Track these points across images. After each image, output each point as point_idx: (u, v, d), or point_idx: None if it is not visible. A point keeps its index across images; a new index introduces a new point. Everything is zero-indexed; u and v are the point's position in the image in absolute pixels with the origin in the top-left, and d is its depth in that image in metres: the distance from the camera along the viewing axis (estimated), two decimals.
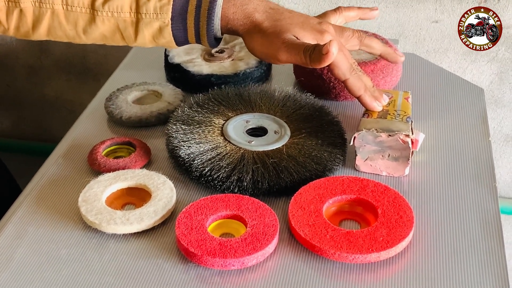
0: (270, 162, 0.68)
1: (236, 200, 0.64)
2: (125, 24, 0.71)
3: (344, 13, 0.79)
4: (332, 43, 0.65)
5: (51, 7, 0.70)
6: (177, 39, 0.73)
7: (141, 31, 0.71)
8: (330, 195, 0.64)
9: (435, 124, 0.80)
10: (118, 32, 0.72)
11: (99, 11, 0.70)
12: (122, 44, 0.75)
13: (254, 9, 0.71)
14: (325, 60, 0.65)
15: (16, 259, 0.59)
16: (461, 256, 0.60)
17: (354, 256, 0.58)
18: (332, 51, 0.65)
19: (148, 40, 0.73)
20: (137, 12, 0.70)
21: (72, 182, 0.70)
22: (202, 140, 0.72)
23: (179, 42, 0.74)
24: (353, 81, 0.70)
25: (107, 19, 0.70)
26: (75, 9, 0.70)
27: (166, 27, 0.71)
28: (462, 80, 0.92)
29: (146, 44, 0.74)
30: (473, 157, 0.74)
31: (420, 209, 0.65)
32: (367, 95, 0.71)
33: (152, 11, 0.70)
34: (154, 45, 0.74)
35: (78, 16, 0.71)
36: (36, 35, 0.73)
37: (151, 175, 0.68)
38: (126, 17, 0.70)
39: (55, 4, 0.70)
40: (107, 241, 0.61)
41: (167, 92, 0.84)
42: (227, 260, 0.57)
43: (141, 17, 0.70)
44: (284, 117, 0.77)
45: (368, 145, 0.69)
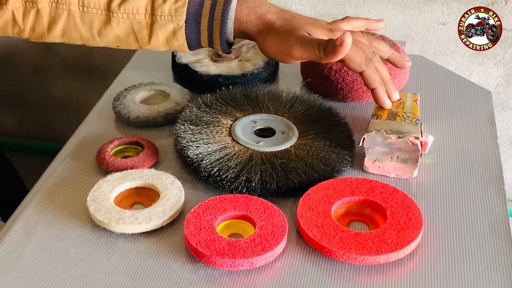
0: (278, 163, 0.68)
1: (244, 201, 0.64)
2: (140, 26, 0.71)
3: (352, 22, 0.80)
4: (346, 34, 0.65)
5: (67, 8, 0.70)
6: (190, 42, 0.73)
7: (155, 33, 0.71)
8: (339, 196, 0.64)
9: (442, 126, 0.80)
10: (133, 34, 0.72)
11: (114, 12, 0.70)
12: (135, 47, 0.75)
13: (266, 10, 0.72)
14: (340, 51, 0.66)
15: (25, 258, 0.59)
16: (469, 258, 0.60)
17: (363, 257, 0.57)
18: (347, 41, 0.65)
19: (162, 43, 0.73)
20: (152, 14, 0.70)
21: (80, 181, 0.70)
22: (210, 140, 0.72)
23: (192, 46, 0.74)
24: (368, 72, 0.70)
25: (122, 21, 0.70)
26: (91, 10, 0.70)
27: (180, 30, 0.71)
28: (469, 82, 0.91)
29: (159, 47, 0.74)
30: (481, 159, 0.74)
31: (428, 211, 0.65)
32: (381, 89, 0.71)
33: (167, 13, 0.70)
34: (167, 48, 0.74)
35: (93, 18, 0.71)
36: (51, 36, 0.73)
37: (160, 175, 0.68)
38: (141, 19, 0.70)
39: (72, 5, 0.70)
40: (115, 241, 0.61)
41: (174, 92, 0.84)
42: (236, 260, 0.57)
43: (156, 19, 0.70)
44: (292, 118, 0.77)
45: (377, 146, 0.69)
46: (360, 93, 0.84)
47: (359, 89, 0.84)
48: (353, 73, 0.83)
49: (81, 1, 0.70)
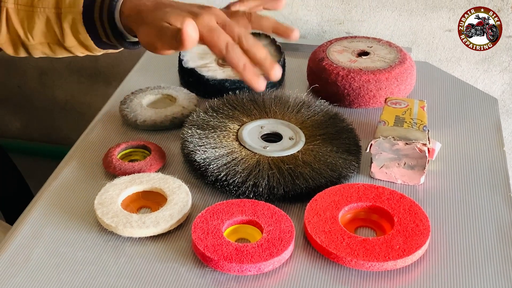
0: (285, 168, 0.68)
1: (252, 206, 0.64)
2: (53, 18, 0.73)
3: (245, 2, 0.76)
4: (186, 22, 0.62)
5: (5, 5, 0.74)
6: (91, 34, 0.73)
7: (63, 26, 0.73)
8: (346, 202, 0.64)
9: (449, 133, 0.80)
10: (51, 28, 0.74)
11: (36, 7, 0.73)
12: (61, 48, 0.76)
13: (144, 3, 0.70)
14: (185, 41, 0.62)
15: (32, 260, 0.59)
16: (477, 265, 0.59)
17: (370, 263, 0.57)
18: (186, 30, 0.62)
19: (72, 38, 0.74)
20: (57, 6, 0.73)
21: (87, 185, 0.70)
22: (217, 145, 0.72)
23: (96, 41, 0.74)
24: (231, 56, 0.64)
25: (42, 15, 0.73)
26: (21, 7, 0.73)
27: (79, 21, 0.72)
28: (475, 89, 0.92)
29: (75, 46, 0.75)
30: (488, 166, 0.74)
31: (435, 218, 0.65)
32: (248, 71, 0.65)
33: (67, 5, 0.72)
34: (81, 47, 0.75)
35: (23, 14, 0.74)
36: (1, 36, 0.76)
37: (167, 179, 0.68)
38: (52, 12, 0.73)
39: (9, 3, 0.73)
40: (123, 244, 0.61)
41: (181, 96, 0.84)
42: (243, 265, 0.57)
43: (61, 11, 0.73)
44: (299, 123, 0.77)
45: (384, 152, 0.69)
46: (366, 99, 0.84)
47: (365, 95, 0.84)
48: (359, 79, 0.83)
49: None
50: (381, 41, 0.92)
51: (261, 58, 0.65)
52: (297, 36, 0.70)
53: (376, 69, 0.84)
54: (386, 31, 1.10)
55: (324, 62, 0.87)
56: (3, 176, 1.11)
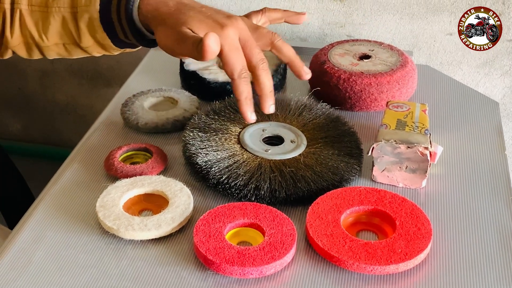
0: (287, 171, 0.68)
1: (253, 209, 0.64)
2: (69, 18, 0.72)
3: (267, 13, 0.77)
4: (209, 35, 0.61)
5: (19, 7, 0.73)
6: (108, 33, 0.72)
7: (79, 25, 0.72)
8: (348, 206, 0.64)
9: (450, 137, 0.80)
10: (67, 28, 0.73)
11: (51, 7, 0.72)
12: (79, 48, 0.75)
13: (165, 3, 0.69)
14: (205, 53, 0.62)
15: (34, 264, 0.59)
16: (478, 269, 0.59)
17: (372, 267, 0.57)
18: (208, 43, 0.61)
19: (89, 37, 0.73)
20: (73, 5, 0.72)
21: (88, 187, 0.70)
22: (219, 148, 0.72)
23: (114, 39, 0.73)
24: (237, 83, 0.65)
25: (57, 15, 0.72)
26: (35, 8, 0.73)
27: (96, 19, 0.71)
28: (477, 93, 0.92)
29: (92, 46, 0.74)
30: (489, 170, 0.74)
31: (437, 222, 0.65)
32: (245, 104, 0.67)
33: (83, 3, 0.71)
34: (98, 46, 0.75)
35: (38, 15, 0.73)
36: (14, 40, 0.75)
37: (168, 182, 0.68)
38: (68, 11, 0.72)
39: (22, 4, 0.73)
40: (124, 247, 0.61)
41: (183, 99, 0.84)
42: (245, 268, 0.57)
43: (77, 10, 0.72)
44: (300, 126, 0.77)
45: (386, 156, 0.69)
46: (368, 102, 0.84)
47: (367, 98, 0.84)
48: (361, 82, 0.83)
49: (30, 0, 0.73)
50: (382, 44, 0.92)
51: (266, 92, 0.68)
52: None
53: (377, 72, 0.84)
54: (387, 34, 1.10)
55: (325, 65, 0.87)
56: (3, 178, 1.11)
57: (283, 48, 0.71)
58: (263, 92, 0.68)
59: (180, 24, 0.66)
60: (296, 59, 0.72)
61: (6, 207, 1.10)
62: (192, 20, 0.66)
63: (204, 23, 0.66)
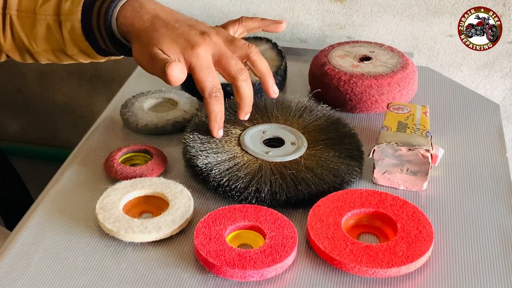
0: (288, 174, 0.68)
1: (254, 211, 0.63)
2: (54, 25, 0.73)
3: (244, 23, 0.77)
4: (171, 66, 0.63)
5: (10, 12, 0.74)
6: (90, 42, 0.73)
7: (63, 34, 0.73)
8: (349, 208, 0.64)
9: (451, 139, 0.80)
10: (53, 35, 0.74)
11: (38, 14, 0.73)
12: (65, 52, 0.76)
13: (140, 17, 0.69)
14: (169, 82, 0.64)
15: (33, 266, 0.59)
16: (480, 272, 0.59)
17: (374, 270, 0.57)
18: (170, 73, 0.63)
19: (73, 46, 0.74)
20: (57, 13, 0.73)
21: (88, 189, 0.69)
22: (219, 150, 0.71)
23: (96, 48, 0.74)
24: (209, 102, 0.66)
25: (43, 21, 0.73)
26: (23, 14, 0.74)
27: (78, 28, 0.72)
28: (477, 95, 0.91)
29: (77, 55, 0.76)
30: (490, 173, 0.73)
31: (438, 224, 0.65)
32: (215, 124, 0.68)
33: (66, 12, 0.72)
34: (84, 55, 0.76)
35: (26, 21, 0.74)
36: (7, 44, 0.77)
37: (168, 184, 0.67)
38: (52, 19, 0.73)
39: (12, 10, 0.74)
40: (124, 250, 0.61)
41: (182, 100, 0.84)
42: (246, 271, 0.57)
43: (60, 18, 0.73)
44: (301, 128, 0.77)
45: (387, 158, 0.68)
46: (368, 104, 0.84)
47: (367, 100, 0.83)
48: (362, 84, 0.83)
49: (18, 6, 0.74)
50: (383, 46, 0.92)
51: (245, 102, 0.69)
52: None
53: (378, 74, 0.84)
54: (388, 36, 1.10)
55: (326, 67, 0.86)
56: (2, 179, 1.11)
57: (258, 62, 0.70)
58: (242, 102, 0.70)
59: (152, 44, 0.66)
60: (269, 75, 0.71)
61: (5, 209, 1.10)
62: (164, 40, 0.66)
63: (175, 43, 0.66)
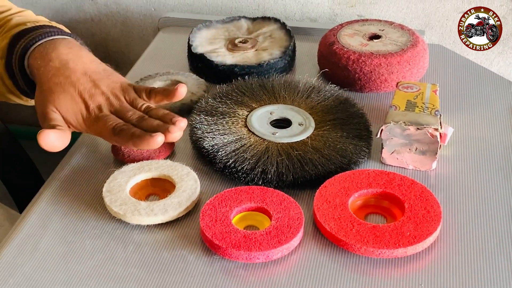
0: (295, 154, 0.68)
1: (260, 192, 0.63)
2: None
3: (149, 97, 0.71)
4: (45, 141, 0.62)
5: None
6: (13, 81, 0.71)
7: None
8: (356, 189, 0.64)
9: (462, 117, 0.79)
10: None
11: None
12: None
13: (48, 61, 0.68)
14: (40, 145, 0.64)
15: (40, 249, 0.59)
16: (488, 253, 0.58)
17: (380, 251, 0.57)
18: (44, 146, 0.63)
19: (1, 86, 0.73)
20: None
21: (95, 172, 0.70)
22: (226, 132, 0.71)
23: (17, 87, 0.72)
24: (118, 140, 0.65)
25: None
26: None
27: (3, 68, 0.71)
28: (490, 72, 0.90)
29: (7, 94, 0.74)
30: (501, 152, 0.72)
31: (447, 204, 0.64)
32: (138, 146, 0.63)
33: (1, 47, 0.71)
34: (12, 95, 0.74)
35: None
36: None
37: (175, 166, 0.67)
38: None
39: None
40: (131, 232, 0.61)
41: (190, 82, 0.83)
42: (252, 253, 0.56)
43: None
44: (309, 109, 0.76)
45: (395, 138, 0.68)
46: (378, 83, 0.83)
47: (377, 79, 0.82)
48: (370, 63, 0.82)
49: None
50: (393, 24, 0.91)
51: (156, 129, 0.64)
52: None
53: (387, 52, 0.83)
54: (399, 13, 1.08)
55: (334, 46, 0.85)
56: (14, 163, 1.11)
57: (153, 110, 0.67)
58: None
59: (47, 102, 0.66)
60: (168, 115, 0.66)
61: (17, 193, 1.11)
62: (59, 104, 0.66)
63: (69, 105, 0.66)
